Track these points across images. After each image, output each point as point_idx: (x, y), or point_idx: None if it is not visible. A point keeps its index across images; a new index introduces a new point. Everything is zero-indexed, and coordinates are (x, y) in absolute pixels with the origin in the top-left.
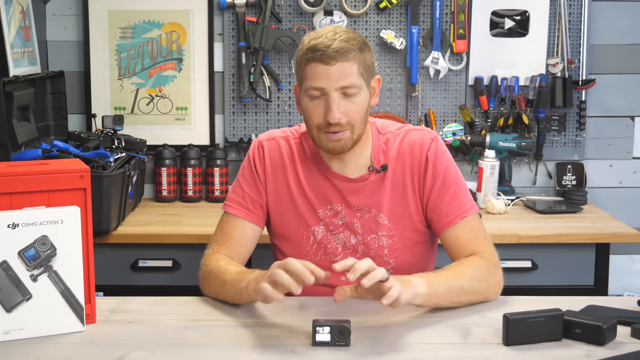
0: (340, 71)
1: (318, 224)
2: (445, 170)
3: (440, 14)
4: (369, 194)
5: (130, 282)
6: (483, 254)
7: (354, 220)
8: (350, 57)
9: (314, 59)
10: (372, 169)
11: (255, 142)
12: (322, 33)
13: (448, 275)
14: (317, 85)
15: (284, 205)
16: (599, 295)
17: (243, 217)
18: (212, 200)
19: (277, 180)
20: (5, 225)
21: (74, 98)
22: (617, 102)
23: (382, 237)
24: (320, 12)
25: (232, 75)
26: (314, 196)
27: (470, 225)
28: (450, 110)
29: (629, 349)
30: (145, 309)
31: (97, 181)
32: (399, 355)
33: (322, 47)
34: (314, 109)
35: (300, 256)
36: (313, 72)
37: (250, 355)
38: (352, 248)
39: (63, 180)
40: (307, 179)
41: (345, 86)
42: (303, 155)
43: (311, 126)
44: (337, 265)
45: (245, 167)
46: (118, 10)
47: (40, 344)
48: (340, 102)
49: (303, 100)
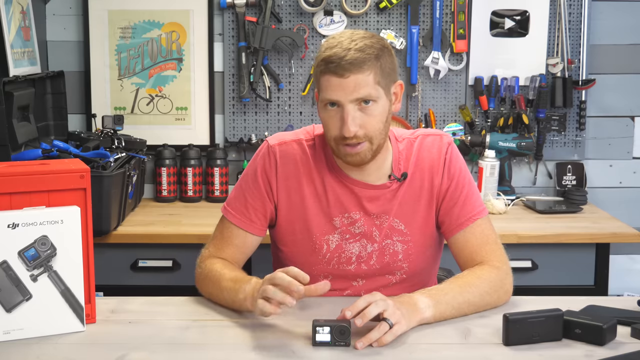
0: (354, 83)
1: (333, 233)
2: (459, 174)
3: (440, 14)
4: (387, 200)
5: (130, 282)
6: (493, 263)
7: (372, 228)
8: (365, 68)
9: (327, 71)
10: (394, 178)
11: (265, 146)
12: (338, 41)
13: (457, 292)
14: (332, 97)
15: (296, 213)
16: (599, 295)
17: (244, 228)
18: (212, 200)
19: (289, 188)
20: (6, 225)
21: (74, 98)
22: (617, 102)
23: (397, 242)
24: (321, 12)
25: (232, 75)
26: (330, 204)
27: (480, 228)
28: (450, 110)
29: (629, 349)
30: (145, 309)
31: (97, 181)
32: (399, 355)
33: (336, 59)
34: (331, 121)
35: (310, 264)
36: (327, 84)
37: (250, 355)
38: (366, 256)
39: (63, 180)
40: (323, 186)
41: (361, 98)
42: (319, 161)
43: (329, 138)
44: (348, 312)
45: (249, 174)
46: (118, 10)
47: (40, 343)
48: (356, 114)
49: (321, 110)
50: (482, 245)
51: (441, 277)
